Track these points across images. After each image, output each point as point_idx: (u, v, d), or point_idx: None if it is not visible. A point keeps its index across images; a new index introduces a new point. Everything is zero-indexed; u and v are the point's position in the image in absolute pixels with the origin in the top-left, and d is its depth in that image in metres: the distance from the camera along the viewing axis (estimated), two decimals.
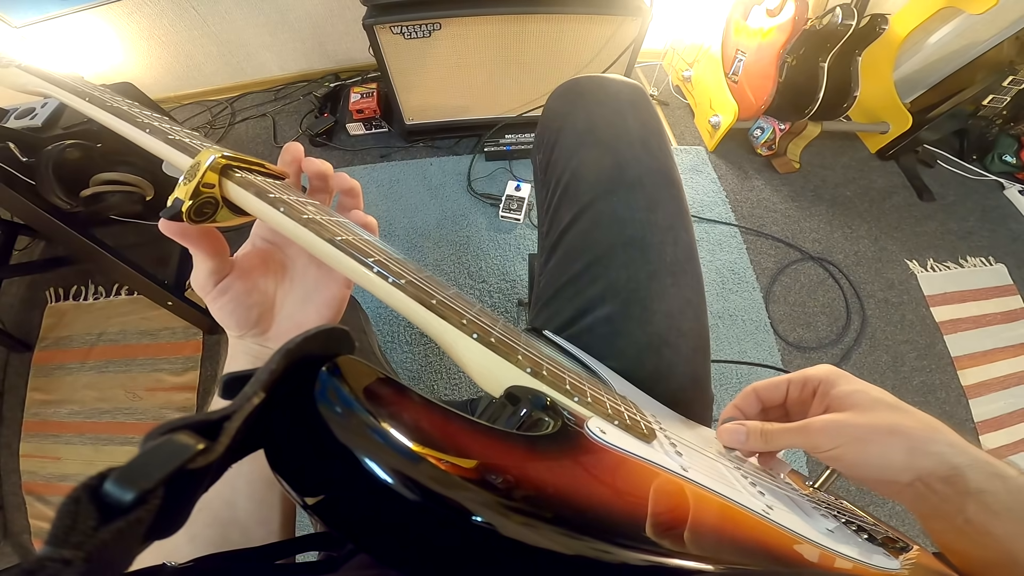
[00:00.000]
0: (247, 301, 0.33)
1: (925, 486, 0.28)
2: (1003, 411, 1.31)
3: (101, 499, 0.11)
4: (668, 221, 0.51)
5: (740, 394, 0.38)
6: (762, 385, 0.38)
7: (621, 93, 0.57)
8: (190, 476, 0.12)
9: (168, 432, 0.12)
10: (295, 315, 0.35)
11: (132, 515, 0.11)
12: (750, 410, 0.38)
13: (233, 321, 0.33)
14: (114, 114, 0.33)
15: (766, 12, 1.37)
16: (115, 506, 0.11)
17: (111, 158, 1.12)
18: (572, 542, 0.17)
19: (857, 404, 0.31)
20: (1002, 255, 1.56)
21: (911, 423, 0.29)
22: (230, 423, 0.13)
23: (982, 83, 1.49)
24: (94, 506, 0.11)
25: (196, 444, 0.12)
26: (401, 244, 1.41)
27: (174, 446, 0.12)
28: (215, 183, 0.27)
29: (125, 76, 1.50)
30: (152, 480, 0.11)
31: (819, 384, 0.34)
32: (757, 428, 0.33)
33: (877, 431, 0.29)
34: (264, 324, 0.35)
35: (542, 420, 0.23)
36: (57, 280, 1.38)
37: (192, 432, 0.13)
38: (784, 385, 0.36)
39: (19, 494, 1.17)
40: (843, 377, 0.33)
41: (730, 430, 0.35)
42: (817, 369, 0.35)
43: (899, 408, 0.30)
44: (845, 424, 0.30)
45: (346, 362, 0.18)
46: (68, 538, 0.10)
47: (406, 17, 1.13)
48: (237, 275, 0.33)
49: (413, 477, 0.15)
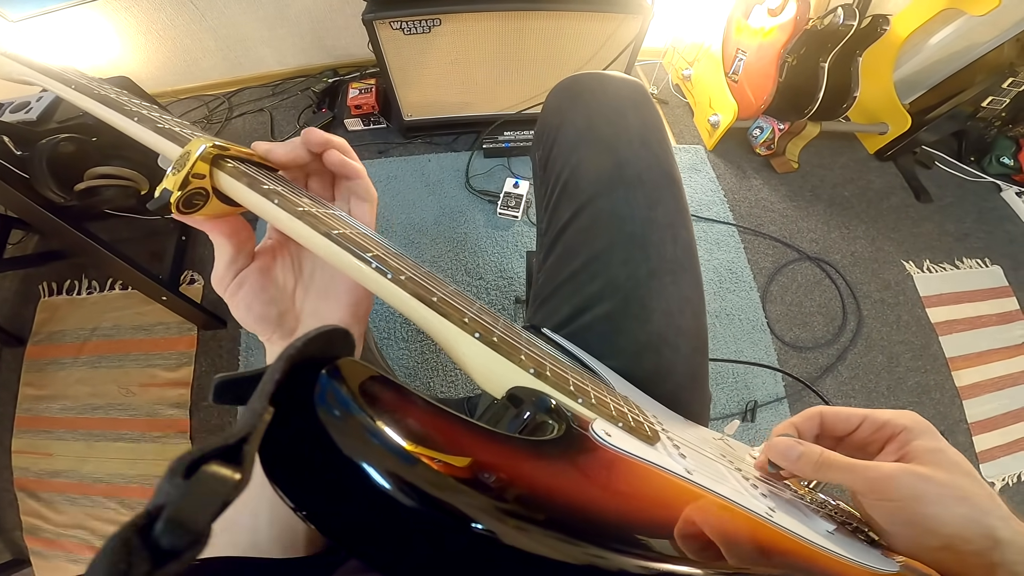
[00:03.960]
0: (264, 296, 0.33)
1: (955, 556, 0.27)
2: (997, 412, 1.32)
3: (154, 544, 0.11)
4: (668, 219, 0.51)
5: (802, 413, 0.36)
6: (831, 412, 0.35)
7: (622, 91, 0.57)
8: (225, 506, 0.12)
9: (195, 463, 0.12)
10: (319, 310, 0.34)
11: (185, 556, 0.11)
12: (808, 432, 0.35)
13: (253, 318, 0.32)
14: (101, 102, 0.32)
15: (767, 11, 1.37)
16: (170, 551, 0.11)
17: (106, 152, 1.11)
18: (576, 550, 0.16)
19: (936, 463, 0.29)
20: (998, 257, 1.57)
21: (978, 491, 0.28)
22: (249, 447, 0.13)
23: (982, 85, 1.49)
24: (148, 552, 0.11)
25: (233, 475, 0.12)
26: (398, 240, 1.41)
27: (217, 480, 0.12)
28: (205, 173, 0.27)
29: (122, 70, 1.48)
30: (206, 520, 0.11)
31: (901, 431, 0.32)
32: (815, 453, 0.31)
33: (949, 495, 0.28)
34: (289, 323, 0.34)
35: (546, 423, 0.23)
36: (51, 274, 1.37)
37: (223, 462, 0.12)
38: (858, 420, 0.34)
39: (11, 490, 1.16)
40: (929, 432, 0.32)
41: (785, 444, 0.33)
42: (902, 416, 0.33)
43: (971, 475, 0.29)
44: (921, 479, 0.28)
45: (346, 364, 0.17)
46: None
47: (406, 12, 1.13)
48: (256, 268, 0.33)
49: (412, 482, 0.15)
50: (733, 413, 1.22)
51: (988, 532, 0.27)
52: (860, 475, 0.30)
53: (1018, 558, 0.26)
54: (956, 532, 0.27)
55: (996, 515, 0.27)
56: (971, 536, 0.27)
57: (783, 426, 0.36)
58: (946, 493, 0.28)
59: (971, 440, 1.27)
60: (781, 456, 0.32)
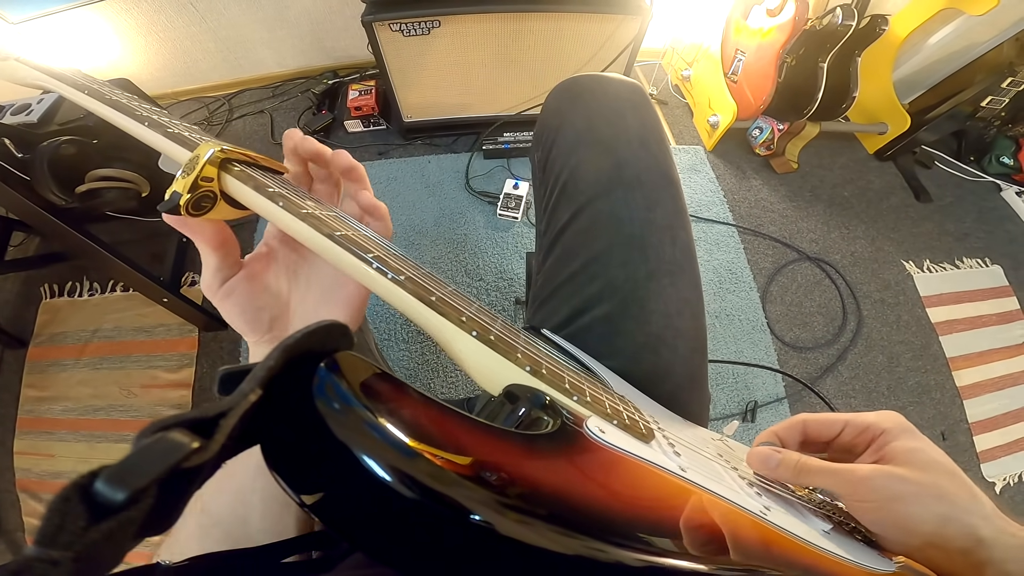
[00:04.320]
0: (255, 303, 0.33)
1: (942, 553, 0.27)
2: (997, 412, 1.32)
3: (92, 498, 0.11)
4: (666, 220, 0.51)
5: (785, 421, 0.36)
6: (813, 419, 0.35)
7: (621, 92, 0.57)
8: (184, 475, 0.12)
9: (161, 429, 0.12)
10: (314, 317, 0.34)
11: (123, 515, 0.11)
12: (791, 440, 0.35)
13: (243, 323, 0.33)
14: (113, 107, 0.32)
15: (766, 12, 1.37)
16: (106, 506, 0.11)
17: (107, 154, 1.11)
18: (570, 541, 0.17)
19: (912, 462, 0.29)
20: (998, 256, 1.57)
21: (956, 490, 0.28)
22: (226, 421, 0.13)
23: (981, 84, 1.49)
24: (84, 506, 0.11)
25: (191, 443, 0.12)
26: (399, 242, 1.40)
27: (167, 444, 0.12)
28: (214, 177, 0.27)
29: (122, 72, 1.49)
30: (144, 479, 0.11)
31: (881, 434, 0.32)
32: (792, 459, 0.32)
33: (925, 494, 0.28)
34: (280, 328, 0.34)
35: (541, 419, 0.23)
36: (52, 276, 1.38)
37: (186, 430, 0.12)
38: (839, 425, 0.34)
39: (13, 491, 1.16)
40: (908, 432, 0.32)
41: (763, 454, 0.33)
42: (883, 418, 0.33)
43: (952, 473, 0.29)
44: (896, 479, 0.28)
45: (345, 358, 0.18)
46: (57, 538, 0.10)
47: (405, 14, 1.13)
48: (244, 276, 0.33)
49: (411, 474, 0.15)
50: (733, 413, 1.22)
51: (968, 531, 0.27)
52: (839, 478, 0.30)
53: (1006, 556, 0.26)
54: (935, 531, 0.27)
55: (977, 513, 0.27)
56: (951, 535, 0.27)
57: (764, 435, 0.36)
58: (923, 492, 0.28)
59: (972, 440, 1.27)
60: (761, 465, 0.33)
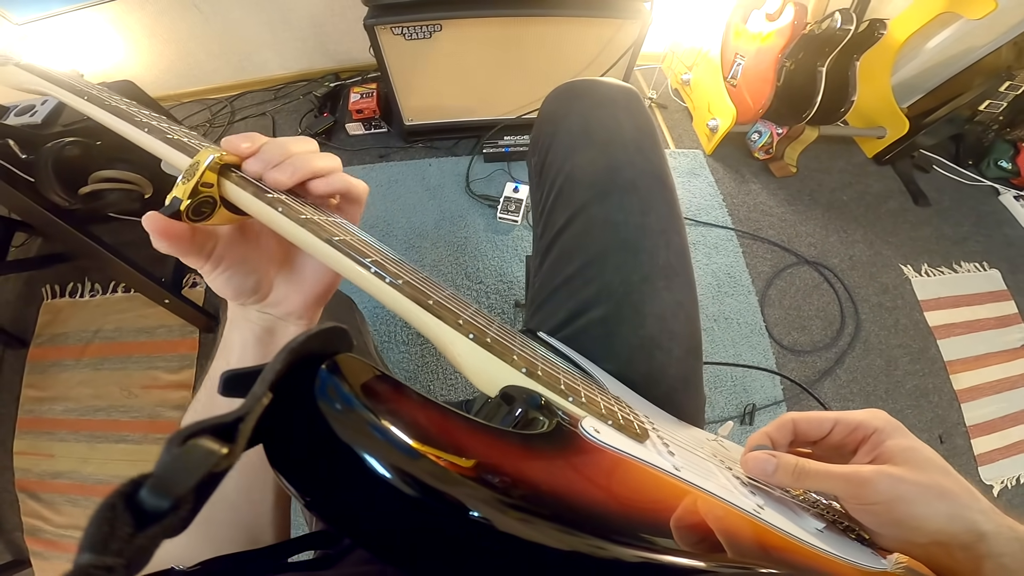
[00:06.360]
0: (244, 268, 0.32)
1: (943, 550, 0.28)
2: (995, 415, 1.32)
3: (137, 506, 0.12)
4: (661, 225, 0.52)
5: (775, 422, 0.35)
6: (803, 418, 0.35)
7: (616, 96, 0.58)
8: (213, 478, 0.13)
9: (191, 437, 0.13)
10: (292, 277, 0.35)
11: (166, 520, 0.12)
12: (781, 440, 0.35)
13: (231, 289, 0.32)
14: (113, 113, 0.33)
15: (765, 16, 1.38)
16: (151, 513, 0.11)
17: (110, 156, 1.12)
18: (567, 537, 0.17)
19: (910, 461, 0.29)
20: (996, 260, 1.57)
21: (955, 487, 0.28)
22: (244, 425, 0.14)
23: (979, 88, 1.49)
24: (130, 513, 0.11)
25: (221, 449, 0.13)
26: (399, 244, 1.41)
27: (202, 451, 0.12)
28: (213, 182, 0.27)
29: (126, 74, 1.50)
30: (186, 487, 0.12)
31: (873, 433, 0.32)
32: (791, 463, 0.31)
33: (928, 493, 0.28)
34: (263, 290, 0.34)
35: (537, 419, 0.23)
36: (54, 277, 1.38)
37: (213, 436, 0.13)
38: (829, 423, 0.34)
39: (12, 491, 1.17)
40: (899, 430, 0.32)
41: (759, 459, 0.32)
42: (873, 416, 0.32)
43: (947, 471, 0.29)
44: (898, 480, 0.28)
45: (345, 360, 0.18)
46: (108, 545, 0.11)
47: (407, 18, 1.14)
48: (227, 244, 0.32)
49: (411, 473, 0.16)
50: (731, 416, 1.22)
51: (971, 526, 0.27)
52: (839, 481, 0.30)
53: (1004, 550, 0.26)
54: (940, 528, 0.27)
55: (977, 509, 0.28)
56: (956, 531, 0.27)
57: (757, 436, 0.35)
58: (925, 491, 0.28)
59: (969, 443, 1.27)
60: (758, 472, 0.32)
